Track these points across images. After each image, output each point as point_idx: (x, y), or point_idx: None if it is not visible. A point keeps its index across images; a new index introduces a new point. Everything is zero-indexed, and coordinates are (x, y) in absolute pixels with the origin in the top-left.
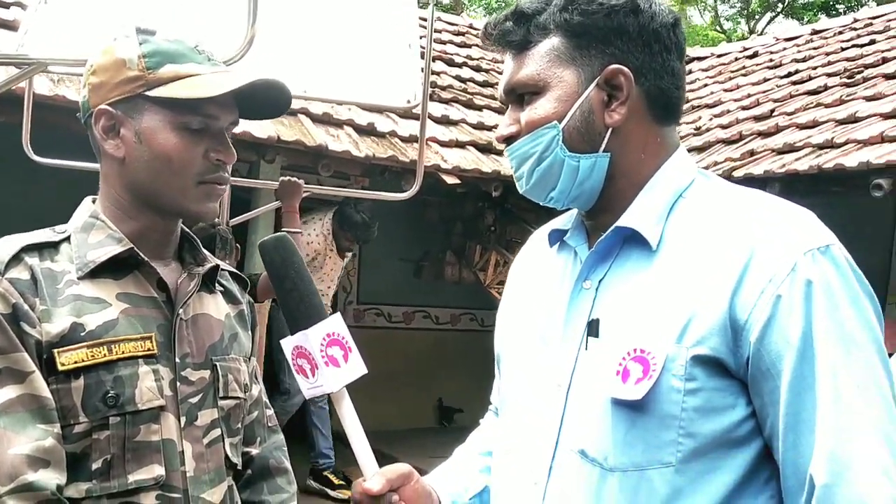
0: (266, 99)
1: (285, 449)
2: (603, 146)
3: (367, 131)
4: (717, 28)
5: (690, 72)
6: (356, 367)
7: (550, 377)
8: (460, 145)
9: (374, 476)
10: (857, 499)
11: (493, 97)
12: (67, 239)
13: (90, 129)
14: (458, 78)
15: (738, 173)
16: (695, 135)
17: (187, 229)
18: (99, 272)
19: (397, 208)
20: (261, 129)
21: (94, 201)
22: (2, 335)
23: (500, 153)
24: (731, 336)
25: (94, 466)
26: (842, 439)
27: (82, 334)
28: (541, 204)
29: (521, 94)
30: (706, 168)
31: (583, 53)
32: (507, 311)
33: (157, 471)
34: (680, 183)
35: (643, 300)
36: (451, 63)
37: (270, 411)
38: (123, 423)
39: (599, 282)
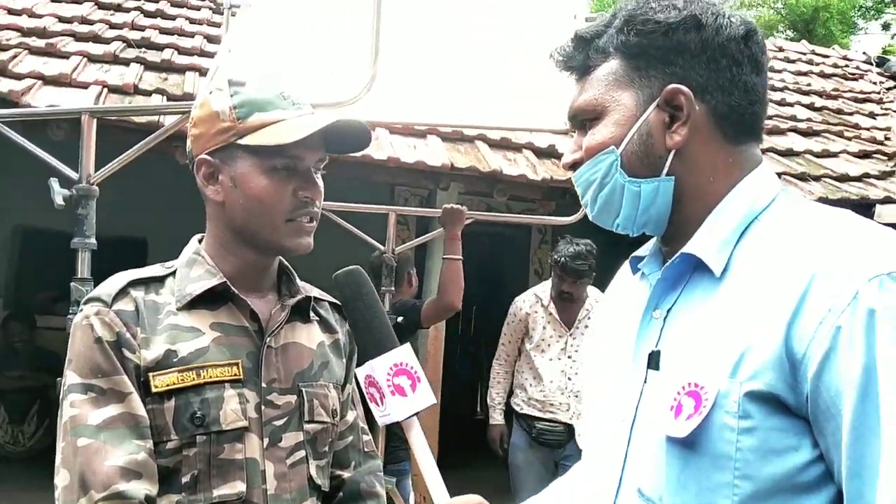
0: (348, 136)
1: (380, 474)
2: (665, 170)
3: (547, 153)
4: None
5: None
6: (424, 397)
7: (618, 411)
8: None
9: None
10: None
11: None
12: (173, 273)
13: (196, 177)
14: None
15: None
16: None
17: (286, 263)
18: (196, 304)
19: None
20: (435, 157)
21: (200, 240)
22: (107, 360)
23: None
24: (789, 371)
25: (184, 480)
26: None
27: (174, 360)
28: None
29: (583, 120)
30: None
31: (641, 75)
32: (592, 345)
33: (240, 487)
34: (755, 205)
35: (703, 331)
36: None
37: (368, 437)
38: (209, 442)
39: (668, 311)
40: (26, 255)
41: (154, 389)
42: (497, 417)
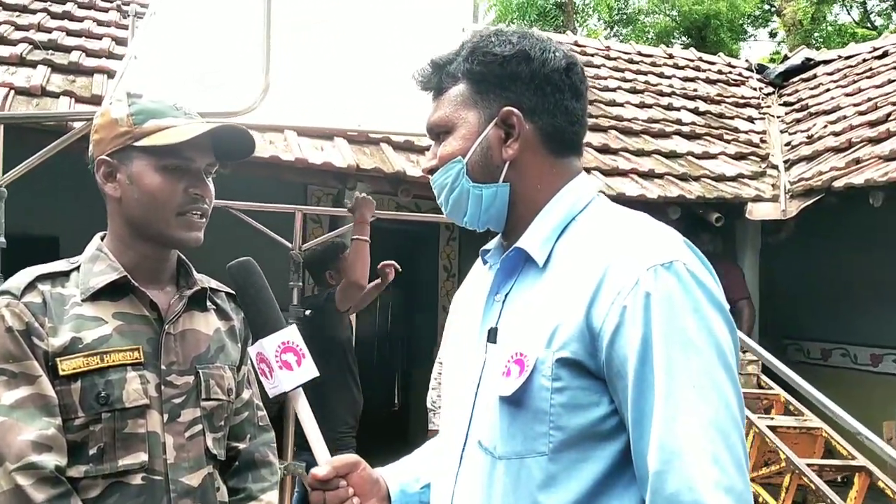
0: (235, 143)
1: (273, 445)
2: (502, 177)
3: None
4: (868, 25)
5: (815, 76)
6: (308, 371)
7: (467, 379)
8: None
9: (323, 464)
10: (684, 483)
11: (588, 115)
12: (77, 268)
13: (96, 176)
14: None
15: (838, 183)
16: (806, 143)
17: (184, 258)
18: (99, 296)
19: None
20: (342, 159)
21: (102, 237)
22: (17, 347)
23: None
24: (590, 341)
25: (91, 452)
26: (672, 430)
27: (80, 346)
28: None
29: (437, 133)
30: (810, 178)
31: (483, 97)
32: (448, 325)
33: (142, 457)
34: (573, 208)
35: (528, 311)
36: None
37: (262, 412)
38: (113, 418)
39: (506, 296)
40: None
41: (62, 373)
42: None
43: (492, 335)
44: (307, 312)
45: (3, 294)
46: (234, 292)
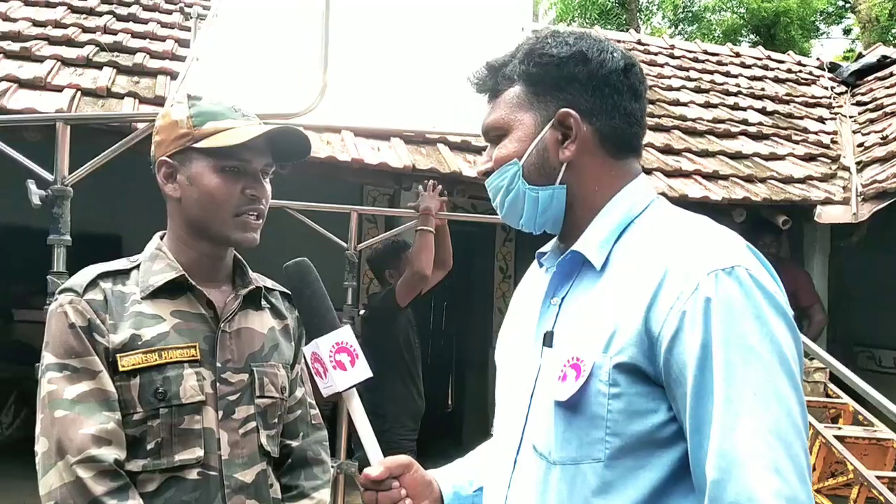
0: (292, 146)
1: (326, 444)
2: (559, 179)
3: None
4: None
5: (892, 74)
6: (362, 371)
7: (522, 383)
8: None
9: (376, 464)
10: (743, 493)
11: (651, 114)
12: (137, 267)
13: (157, 177)
14: None
15: None
16: (880, 144)
17: (240, 256)
18: (158, 294)
19: None
20: (398, 159)
21: (161, 237)
22: (79, 343)
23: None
24: (648, 347)
25: (149, 447)
26: (731, 439)
27: (139, 343)
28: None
29: (493, 136)
30: (883, 180)
31: (539, 99)
32: (504, 327)
33: (198, 452)
34: (631, 211)
35: (586, 315)
36: None
37: (315, 411)
38: (170, 414)
39: (562, 299)
40: (1, 251)
41: (121, 368)
42: None
43: (548, 339)
44: (361, 312)
45: (66, 291)
46: (288, 291)
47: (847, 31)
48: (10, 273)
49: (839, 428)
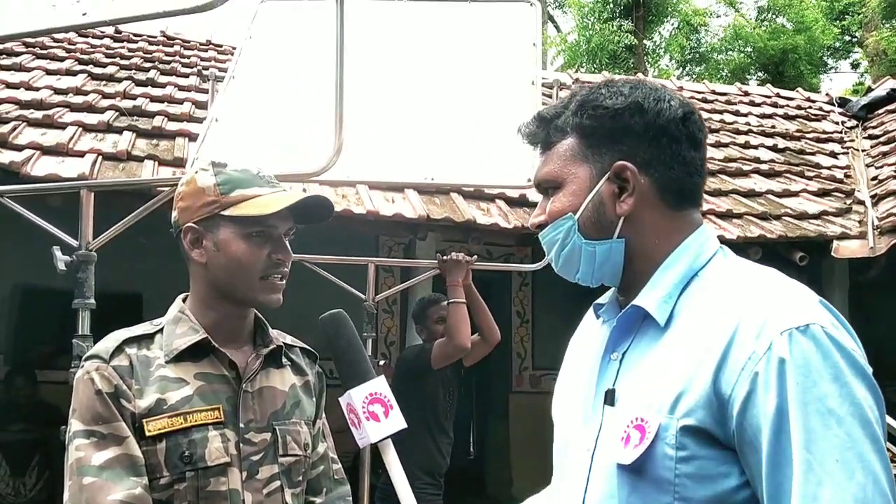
0: (315, 209)
1: (349, 499)
2: (616, 233)
3: (519, 203)
4: None
5: None
6: (396, 422)
7: (582, 442)
8: None
9: None
10: None
11: None
12: (161, 330)
13: (180, 242)
14: None
15: None
16: (894, 177)
17: (260, 315)
18: (181, 357)
19: None
20: (412, 209)
21: (184, 299)
22: (106, 409)
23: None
24: (717, 409)
25: None
26: None
27: (165, 407)
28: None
29: (546, 188)
30: None
31: (594, 151)
32: (560, 381)
33: None
34: (695, 263)
35: (649, 373)
36: None
37: (338, 465)
38: (197, 477)
39: (623, 354)
40: (25, 312)
41: (148, 433)
42: None
43: (609, 397)
44: (381, 363)
45: (92, 358)
46: (308, 347)
47: (855, 66)
48: (33, 334)
49: None
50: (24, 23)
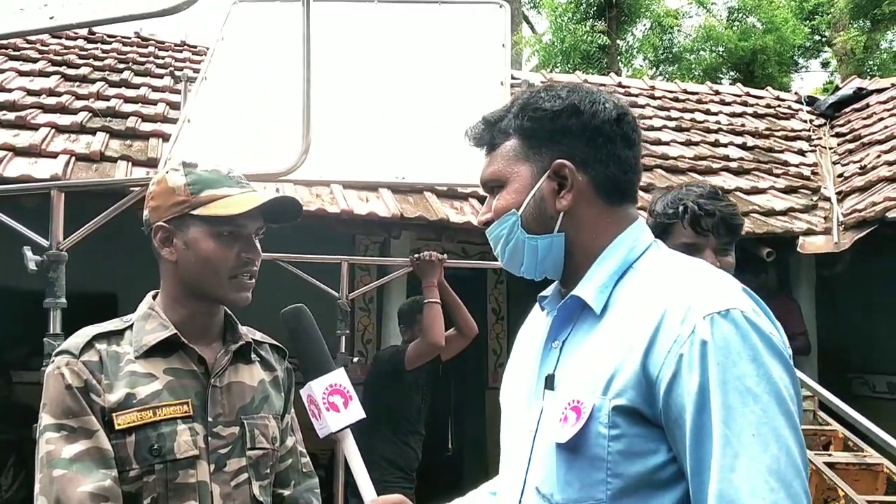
0: (284, 209)
1: (317, 491)
2: (557, 228)
3: None
4: None
5: (868, 106)
6: (355, 412)
7: (525, 425)
8: None
9: (369, 503)
10: None
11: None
12: (131, 327)
13: (151, 240)
14: None
15: (892, 213)
16: (859, 174)
17: (230, 313)
18: (151, 353)
19: None
20: (386, 209)
21: (154, 296)
22: (76, 403)
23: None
24: (646, 389)
25: (146, 502)
26: (730, 480)
27: (134, 402)
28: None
29: (492, 187)
30: (863, 209)
31: (535, 151)
32: (507, 369)
33: None
34: (629, 255)
35: (585, 358)
36: None
37: (306, 459)
38: (165, 469)
39: (563, 342)
40: (0, 314)
41: (117, 427)
42: None
43: (549, 382)
44: (354, 360)
45: (62, 353)
46: (278, 344)
47: (825, 64)
48: (8, 335)
49: (830, 455)
50: None
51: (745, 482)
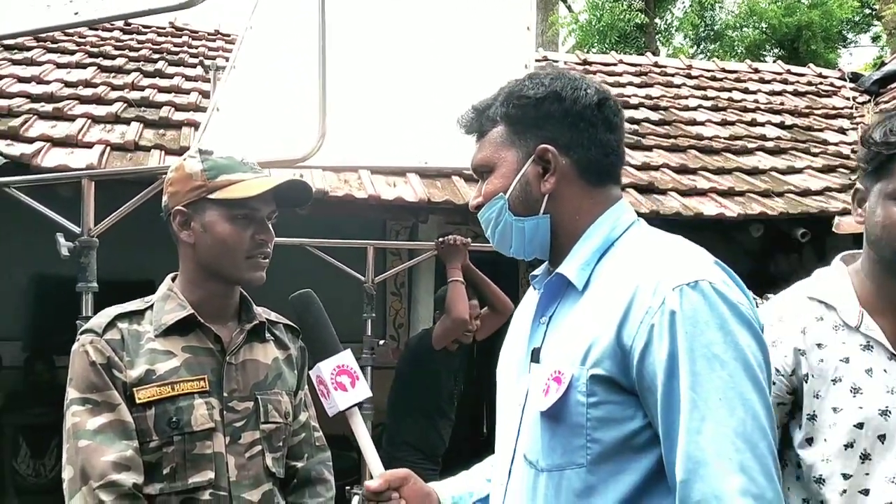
0: (296, 194)
1: (329, 464)
2: (542, 209)
3: None
4: None
5: None
6: (362, 391)
7: (515, 397)
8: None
9: (377, 477)
10: (710, 491)
11: (666, 135)
12: (151, 307)
13: (169, 224)
14: (630, 120)
15: None
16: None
17: (245, 293)
18: (170, 331)
19: None
20: (413, 193)
21: (173, 278)
22: (100, 379)
23: (656, 191)
24: (621, 359)
25: (165, 472)
26: (697, 441)
27: (154, 377)
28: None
29: (481, 172)
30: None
31: (520, 137)
32: (504, 346)
33: (209, 475)
34: (611, 234)
35: (568, 331)
36: (626, 105)
37: (319, 433)
38: (183, 441)
39: (550, 318)
40: (41, 300)
41: (138, 401)
42: None
43: (535, 355)
44: (381, 342)
45: (86, 332)
46: (292, 324)
47: (876, 38)
48: (49, 321)
49: None
50: (21, 22)
51: (712, 444)
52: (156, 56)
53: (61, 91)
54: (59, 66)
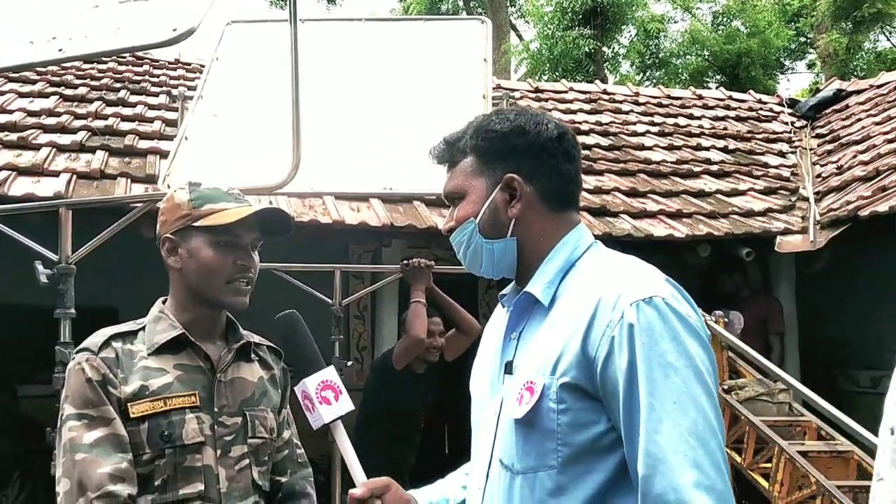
0: (277, 221)
1: (311, 479)
2: (509, 233)
3: None
4: None
5: (847, 107)
6: (345, 405)
7: (491, 407)
8: None
9: (360, 485)
10: (668, 485)
11: (616, 160)
12: (143, 328)
13: (161, 251)
14: (582, 146)
15: (863, 212)
16: (836, 174)
17: (232, 317)
18: (162, 350)
19: None
20: (377, 218)
21: (164, 301)
22: (96, 394)
23: (608, 214)
24: (587, 368)
25: (157, 483)
26: (655, 440)
27: (147, 393)
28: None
29: (453, 199)
30: (838, 208)
31: (489, 167)
32: (476, 362)
33: (199, 487)
34: (572, 255)
35: (537, 345)
36: (577, 132)
37: (300, 450)
38: (175, 453)
39: (520, 333)
40: (4, 329)
41: (132, 415)
42: None
43: (508, 368)
44: (349, 363)
45: (82, 351)
46: (274, 346)
47: (811, 65)
48: (13, 350)
49: (802, 444)
50: (4, 59)
51: (668, 442)
52: (118, 85)
53: (24, 120)
54: (21, 94)
